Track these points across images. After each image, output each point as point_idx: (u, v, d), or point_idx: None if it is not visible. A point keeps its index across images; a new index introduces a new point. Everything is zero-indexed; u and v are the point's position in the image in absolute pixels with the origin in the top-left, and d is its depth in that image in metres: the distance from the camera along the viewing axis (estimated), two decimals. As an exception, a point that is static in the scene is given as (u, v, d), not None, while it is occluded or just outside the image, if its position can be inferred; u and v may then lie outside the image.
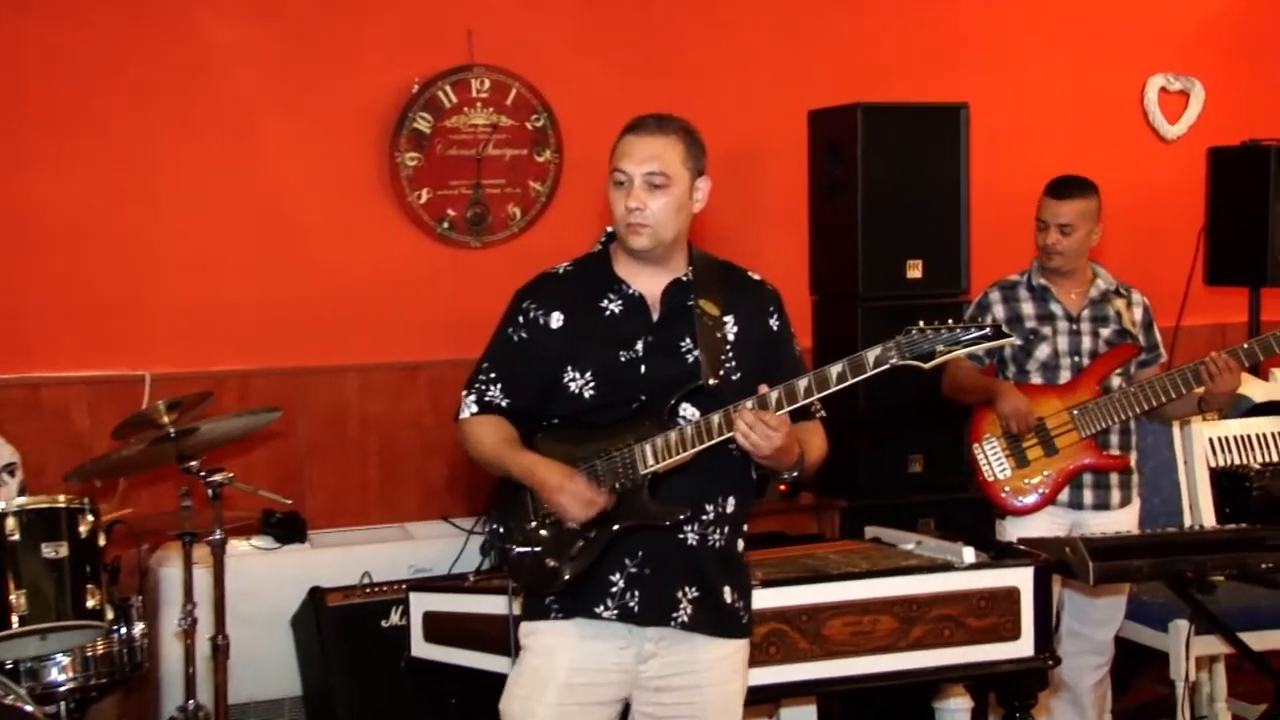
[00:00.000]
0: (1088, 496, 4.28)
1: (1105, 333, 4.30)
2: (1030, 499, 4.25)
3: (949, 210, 5.46)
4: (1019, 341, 4.28)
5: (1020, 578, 3.69)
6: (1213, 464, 5.01)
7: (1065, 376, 4.29)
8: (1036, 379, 4.30)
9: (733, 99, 5.77)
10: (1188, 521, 4.84)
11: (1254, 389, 5.36)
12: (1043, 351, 4.30)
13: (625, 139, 2.89)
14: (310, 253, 5.29)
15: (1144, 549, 3.89)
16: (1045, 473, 4.26)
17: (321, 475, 5.32)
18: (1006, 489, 4.27)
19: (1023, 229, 4.87)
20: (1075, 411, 4.23)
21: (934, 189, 5.44)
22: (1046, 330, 4.31)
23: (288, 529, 4.98)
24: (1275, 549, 3.92)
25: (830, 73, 5.90)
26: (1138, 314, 4.35)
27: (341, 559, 4.90)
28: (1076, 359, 4.29)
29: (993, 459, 4.28)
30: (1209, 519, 4.84)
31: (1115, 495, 4.30)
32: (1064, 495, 4.27)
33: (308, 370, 5.28)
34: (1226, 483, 4.94)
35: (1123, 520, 4.29)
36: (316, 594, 4.71)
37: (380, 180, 5.35)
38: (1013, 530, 4.23)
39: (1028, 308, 4.34)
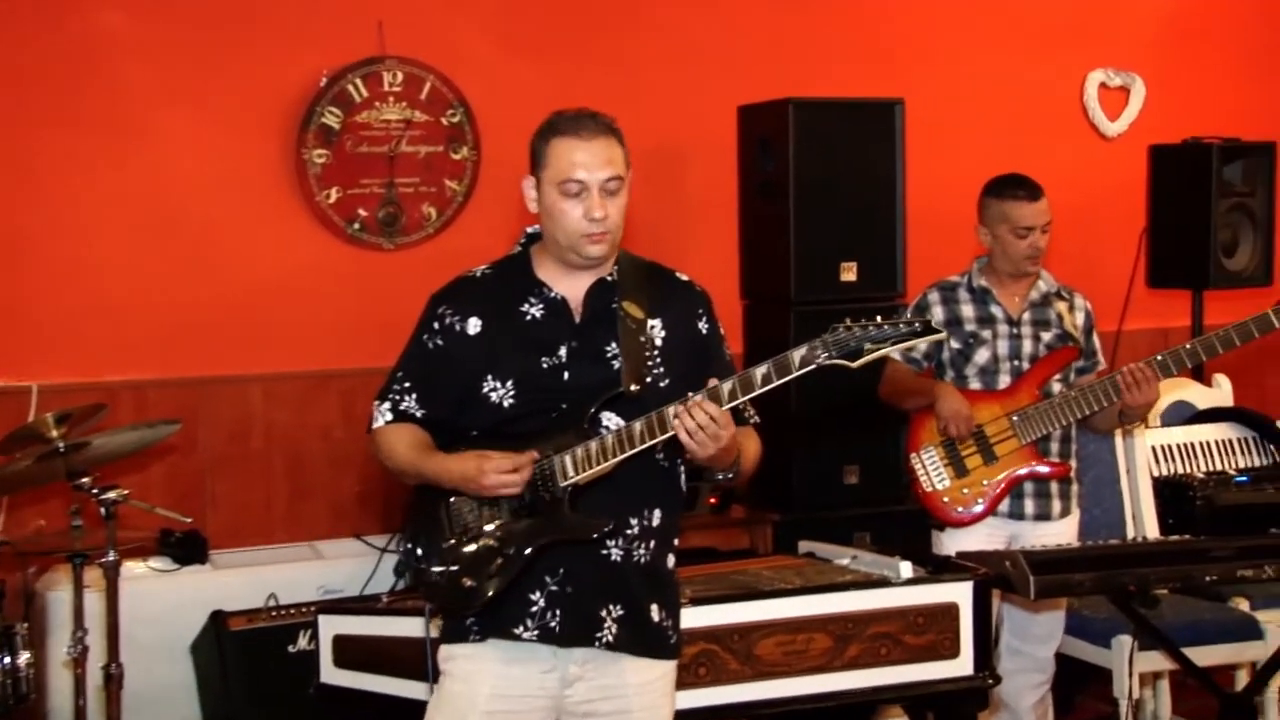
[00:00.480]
0: (1029, 506, 4.33)
1: (1046, 336, 4.36)
2: (971, 510, 4.30)
3: (884, 210, 5.52)
4: (944, 336, 4.31)
5: (959, 593, 3.73)
6: (1155, 473, 5.09)
7: (1004, 381, 4.34)
8: (975, 384, 4.35)
9: (659, 93, 5.79)
10: (1130, 533, 4.91)
11: (1196, 395, 5.45)
12: (982, 355, 4.35)
13: (569, 142, 2.86)
14: (211, 255, 5.24)
15: (1086, 562, 3.94)
16: (985, 482, 4.30)
17: (224, 491, 5.26)
18: (946, 499, 4.31)
19: (960, 229, 4.93)
20: (1015, 418, 4.28)
21: (869, 188, 5.49)
22: (986, 334, 4.36)
23: (187, 549, 4.93)
24: (1220, 561, 3.98)
25: (761, 66, 5.94)
26: (1079, 319, 4.40)
27: (245, 580, 4.86)
28: (1016, 363, 4.34)
29: (931, 469, 4.32)
30: (1152, 530, 4.91)
31: (1056, 505, 4.36)
32: (1004, 506, 4.32)
33: (209, 380, 5.22)
34: (1169, 493, 5.01)
35: (1062, 532, 4.35)
36: (218, 618, 4.66)
37: (286, 179, 5.31)
38: (950, 543, 4.28)
39: (967, 310, 4.39)
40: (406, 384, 3.01)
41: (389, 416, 3.01)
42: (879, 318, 2.75)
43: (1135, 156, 6.19)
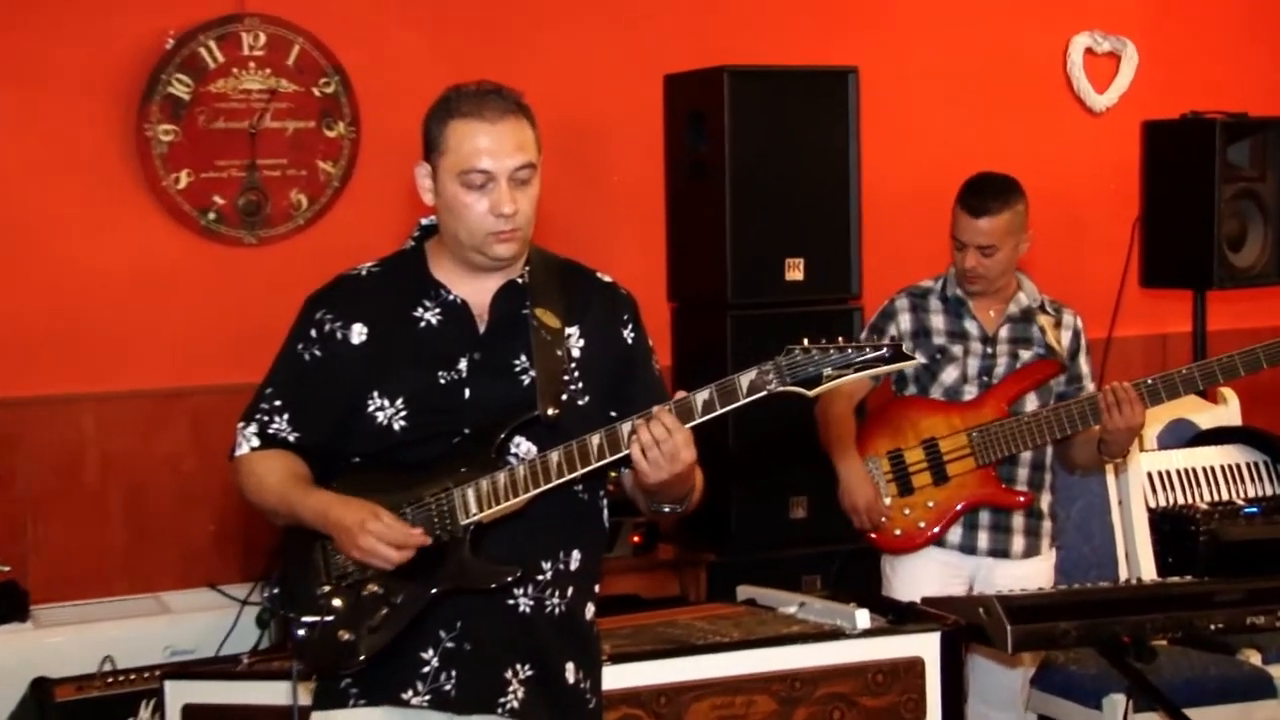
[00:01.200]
0: (982, 540, 4.38)
1: (1024, 356, 4.40)
2: (909, 533, 4.35)
3: (835, 198, 5.56)
4: (923, 361, 4.37)
5: (924, 646, 3.76)
6: (1152, 504, 5.16)
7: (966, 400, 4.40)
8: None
9: (570, 61, 5.81)
10: (1123, 574, 4.97)
11: (1199, 413, 5.54)
12: (949, 374, 4.40)
13: (472, 125, 2.86)
14: (33, 252, 5.19)
15: (1072, 608, 3.97)
16: (930, 503, 4.36)
17: (49, 534, 5.21)
18: (884, 519, 4.37)
19: (924, 220, 5.01)
20: (975, 434, 4.33)
21: (817, 172, 5.54)
22: (956, 350, 4.42)
23: (4, 603, 4.87)
24: (1227, 606, 4.03)
25: (691, 28, 5.98)
26: (1066, 338, 4.44)
27: (75, 641, 4.81)
28: (985, 380, 4.39)
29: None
30: (1149, 571, 4.98)
31: (1018, 542, 4.39)
32: (955, 536, 4.37)
33: (30, 401, 5.18)
34: (1168, 527, 5.08)
35: (1032, 575, 4.38)
36: (41, 686, 4.60)
37: (125, 160, 5.27)
38: (899, 581, 4.33)
39: (938, 321, 4.44)
40: (277, 402, 2.99)
41: (255, 442, 2.99)
42: (841, 339, 2.78)
43: (1127, 134, 6.28)
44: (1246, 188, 5.98)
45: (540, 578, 2.92)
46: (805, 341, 2.78)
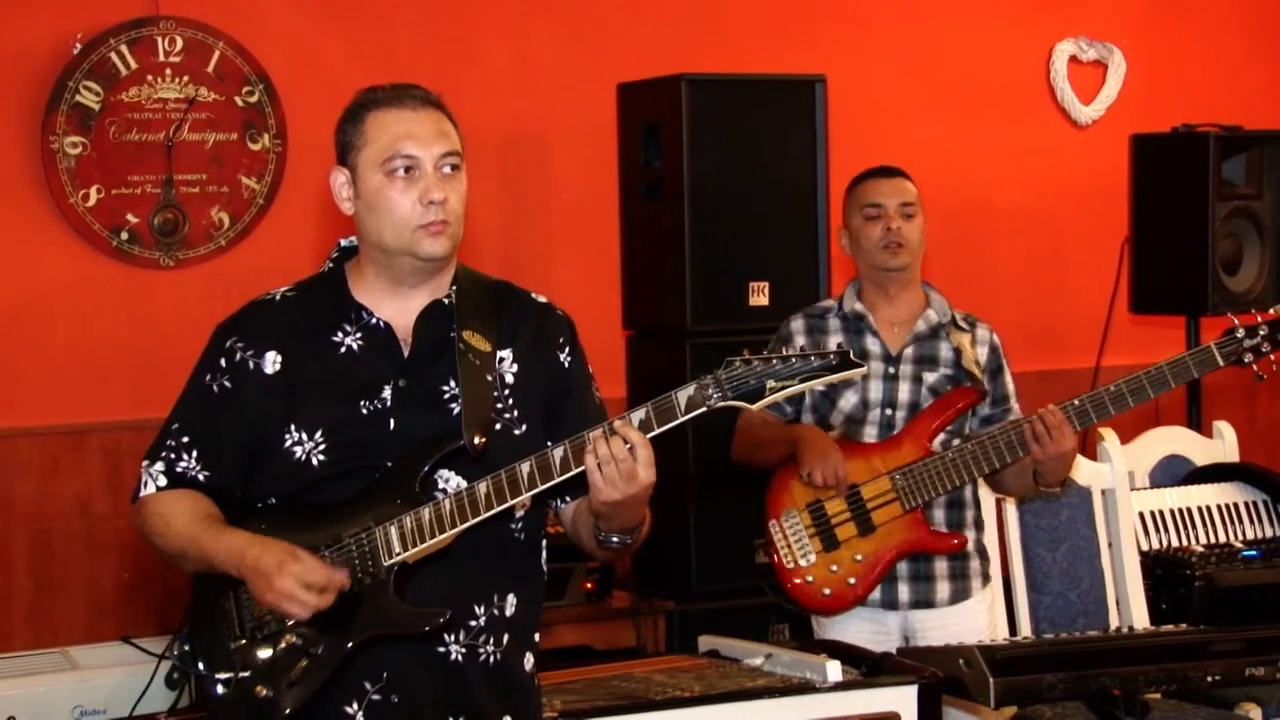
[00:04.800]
0: (903, 592, 4.32)
1: (930, 379, 4.38)
2: (839, 592, 4.29)
3: (802, 217, 5.58)
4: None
5: (900, 700, 3.74)
6: (1144, 547, 5.17)
7: (870, 434, 4.35)
8: (839, 434, 4.37)
9: (514, 69, 5.81)
10: (1114, 622, 4.98)
11: (1193, 448, 5.55)
12: (848, 400, 4.37)
13: (393, 113, 2.88)
14: (-72, 274, 5.16)
15: (1059, 659, 3.99)
16: (858, 557, 4.32)
17: (-54, 584, 5.17)
18: (810, 578, 4.31)
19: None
20: (898, 476, 4.29)
21: (783, 189, 5.55)
22: None
23: (-104, 660, 4.84)
24: (1224, 657, 4.06)
25: (646, 35, 5.98)
26: (983, 355, 4.42)
27: (-26, 701, 4.75)
28: (888, 412, 4.36)
29: (794, 540, 4.31)
30: (1141, 619, 4.98)
31: (942, 589, 4.36)
32: (874, 592, 4.31)
33: (-74, 438, 5.14)
34: (1162, 571, 5.09)
35: (965, 622, 4.33)
36: (-61, 751, 4.57)
37: (28, 175, 5.25)
38: (831, 635, 4.31)
39: (836, 341, 4.41)
40: (185, 438, 2.97)
41: (162, 481, 2.97)
42: (785, 348, 2.79)
43: (1114, 148, 6.33)
44: (1242, 206, 6.01)
45: (472, 623, 2.90)
46: (746, 353, 2.79)
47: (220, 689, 2.91)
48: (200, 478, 2.96)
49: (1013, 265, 4.63)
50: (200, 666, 2.93)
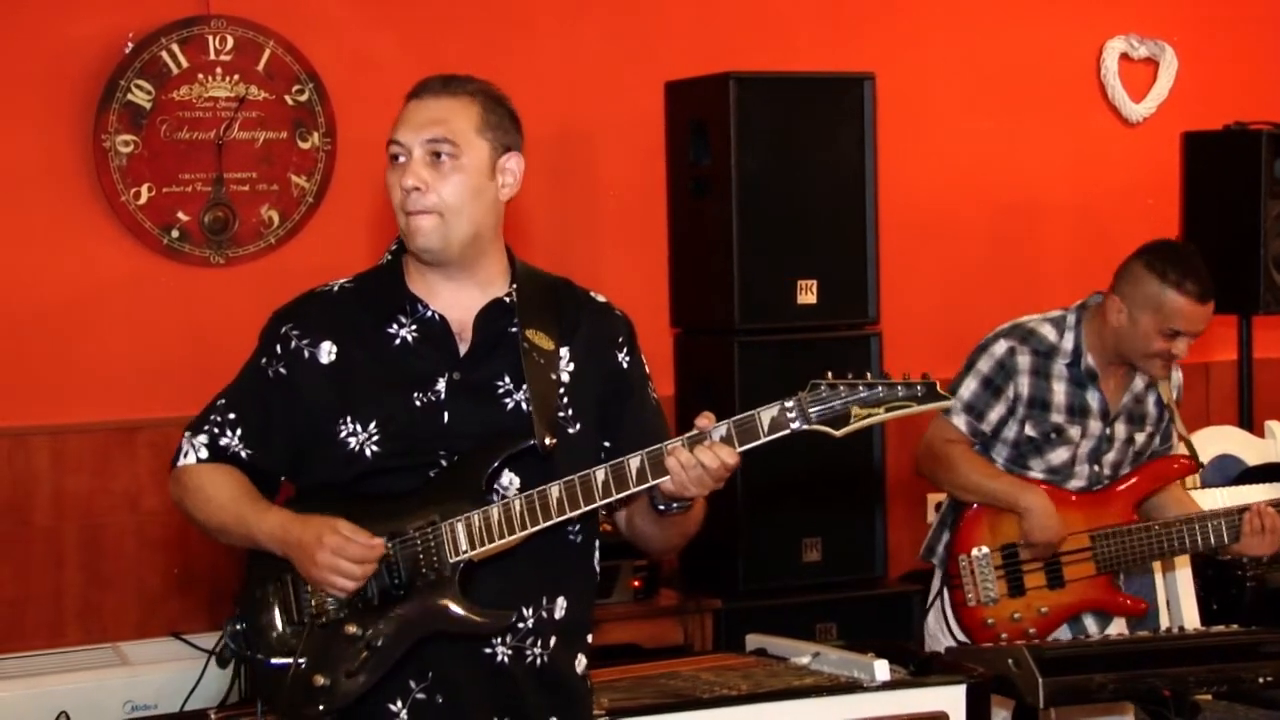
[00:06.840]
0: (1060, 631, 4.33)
1: (1139, 439, 4.34)
2: (1015, 639, 4.23)
3: (850, 214, 5.57)
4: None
5: (949, 700, 3.75)
6: (1195, 547, 5.17)
7: (1074, 486, 4.32)
8: (1041, 477, 4.31)
9: (563, 66, 5.82)
10: (1164, 623, 4.96)
11: (1243, 448, 5.54)
12: (1058, 456, 4.30)
13: (410, 104, 2.93)
14: (-20, 272, 5.20)
15: (1108, 660, 3.98)
16: (1043, 609, 4.29)
17: (-2, 579, 5.21)
18: (990, 620, 4.29)
19: (946, 238, 5.01)
20: (1098, 537, 4.27)
21: (831, 186, 5.54)
22: (1074, 431, 4.28)
23: (-50, 655, 4.88)
24: (1275, 658, 4.05)
25: (694, 32, 5.98)
26: (1176, 395, 4.36)
27: (26, 697, 4.78)
28: (1095, 469, 4.32)
29: (980, 578, 4.28)
30: (1192, 619, 4.97)
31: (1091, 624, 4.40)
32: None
33: (-22, 434, 5.18)
34: (1213, 572, 5.08)
35: None
36: (-9, 746, 4.61)
37: (80, 173, 5.27)
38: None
39: (1060, 393, 4.28)
40: (231, 415, 2.99)
41: (204, 453, 2.99)
42: (869, 374, 2.79)
43: (1165, 146, 6.31)
44: (1295, 204, 5.99)
45: (520, 625, 2.90)
46: (830, 375, 2.79)
47: (274, 674, 2.91)
48: (242, 454, 2.98)
49: (1062, 264, 4.61)
50: (254, 650, 2.93)
